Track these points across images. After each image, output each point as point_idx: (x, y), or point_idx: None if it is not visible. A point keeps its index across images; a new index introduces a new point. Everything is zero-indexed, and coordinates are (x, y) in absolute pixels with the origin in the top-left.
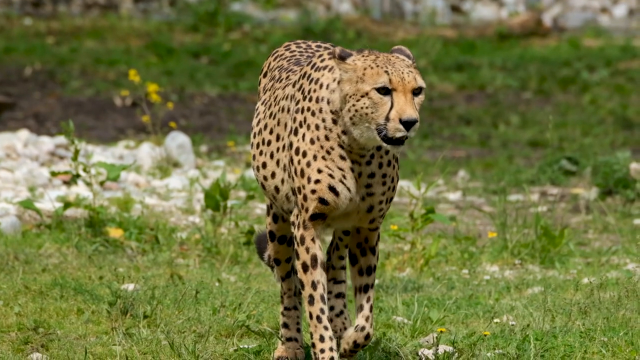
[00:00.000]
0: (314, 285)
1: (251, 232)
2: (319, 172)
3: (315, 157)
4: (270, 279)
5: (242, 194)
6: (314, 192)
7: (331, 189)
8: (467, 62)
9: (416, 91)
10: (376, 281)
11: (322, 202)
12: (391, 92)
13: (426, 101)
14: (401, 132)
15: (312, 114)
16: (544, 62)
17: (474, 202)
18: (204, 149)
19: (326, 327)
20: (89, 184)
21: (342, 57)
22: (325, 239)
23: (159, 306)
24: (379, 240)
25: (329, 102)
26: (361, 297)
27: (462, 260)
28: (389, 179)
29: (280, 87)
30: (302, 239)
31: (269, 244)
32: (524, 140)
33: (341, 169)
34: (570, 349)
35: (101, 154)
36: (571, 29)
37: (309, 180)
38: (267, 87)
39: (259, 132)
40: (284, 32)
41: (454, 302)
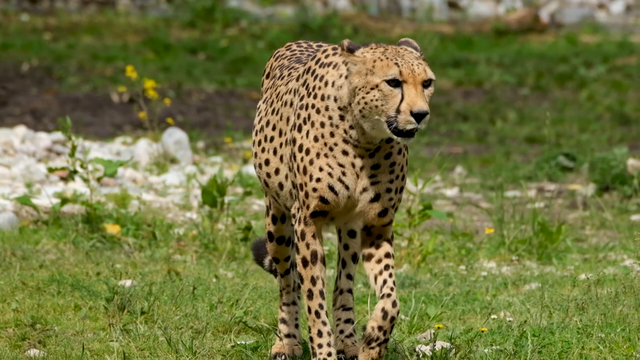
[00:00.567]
0: (313, 280)
1: (248, 228)
2: (321, 170)
3: (318, 155)
4: (267, 275)
5: (240, 190)
6: (315, 190)
7: (331, 188)
8: (464, 58)
9: (426, 83)
10: None
11: (323, 200)
12: (401, 84)
13: None
14: (412, 125)
15: (316, 111)
16: (541, 58)
17: (471, 199)
18: (201, 145)
19: (324, 323)
20: (86, 180)
21: (350, 50)
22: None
23: (157, 302)
24: (392, 238)
25: (336, 99)
26: (382, 276)
27: (459, 256)
28: (397, 167)
29: (282, 83)
30: (302, 235)
31: (268, 244)
32: (521, 136)
33: (342, 165)
34: (567, 345)
35: (98, 150)
36: (568, 25)
37: (311, 178)
38: (268, 87)
39: (260, 130)
40: (281, 28)
41: (451, 299)
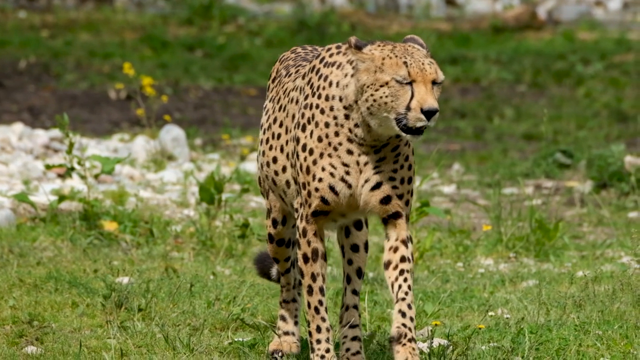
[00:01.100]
0: (314, 277)
1: (246, 225)
2: (323, 170)
3: (321, 155)
4: None
5: (237, 187)
6: (317, 190)
7: (331, 188)
8: (462, 56)
9: (435, 82)
10: (370, 274)
11: (324, 201)
12: (411, 82)
13: None
14: (422, 122)
15: (321, 111)
16: (538, 55)
17: (468, 195)
18: (198, 142)
19: (323, 319)
20: (83, 177)
21: (358, 47)
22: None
23: (154, 299)
24: (411, 239)
25: (342, 99)
26: (398, 281)
27: (456, 253)
28: (402, 157)
29: (289, 80)
30: (304, 232)
31: (268, 245)
32: (519, 133)
33: (346, 164)
34: (564, 342)
35: (96, 147)
36: (566, 22)
37: (314, 177)
38: (272, 85)
39: (268, 128)
40: (279, 25)
41: (449, 296)
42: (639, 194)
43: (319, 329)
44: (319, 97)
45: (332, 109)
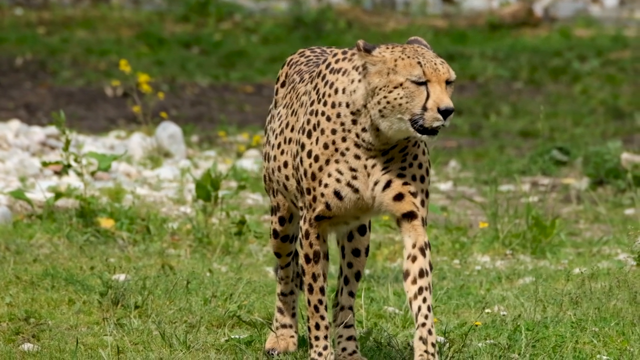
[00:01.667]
0: (314, 277)
1: (242, 222)
2: (329, 176)
3: (327, 162)
4: (261, 269)
5: (233, 184)
6: (322, 195)
7: (336, 194)
8: (458, 52)
9: (448, 81)
10: (367, 271)
11: (327, 206)
12: (426, 83)
13: None
14: (439, 122)
15: (327, 118)
16: (535, 52)
17: (465, 193)
18: (195, 139)
19: (322, 317)
20: (80, 174)
21: (367, 50)
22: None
23: (150, 296)
24: (429, 245)
25: (348, 105)
26: (417, 301)
27: (453, 250)
28: (410, 156)
29: (302, 85)
30: (307, 234)
31: (271, 239)
32: (515, 130)
33: (354, 169)
34: (561, 339)
35: (92, 144)
36: (562, 19)
37: (320, 183)
38: (285, 92)
39: (280, 132)
40: (275, 22)
41: (445, 293)
42: (636, 191)
43: (317, 326)
44: (325, 104)
45: (338, 115)
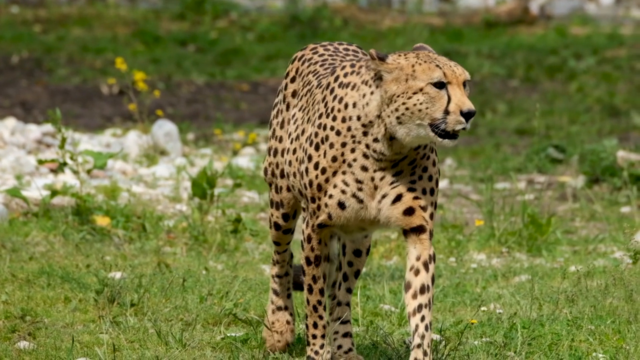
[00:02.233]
0: (315, 279)
1: (238, 220)
2: (334, 187)
3: (334, 173)
4: (257, 267)
5: (229, 182)
6: (326, 205)
7: (340, 204)
8: (454, 50)
9: (465, 83)
10: (364, 269)
11: (329, 216)
12: (446, 86)
13: None
14: (461, 125)
15: (336, 133)
16: (531, 50)
17: (461, 190)
18: (190, 137)
19: (321, 317)
20: (76, 172)
21: (381, 58)
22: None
23: (146, 294)
24: (434, 258)
25: (360, 118)
26: (415, 318)
27: (449, 248)
28: (419, 169)
29: (319, 91)
30: (309, 238)
31: (272, 231)
32: (511, 128)
33: (360, 181)
34: (557, 337)
35: (88, 142)
36: (558, 17)
37: (325, 194)
38: (301, 93)
39: (296, 138)
40: (271, 20)
41: (441, 290)
42: (631, 189)
43: (315, 325)
44: (334, 119)
45: (349, 129)
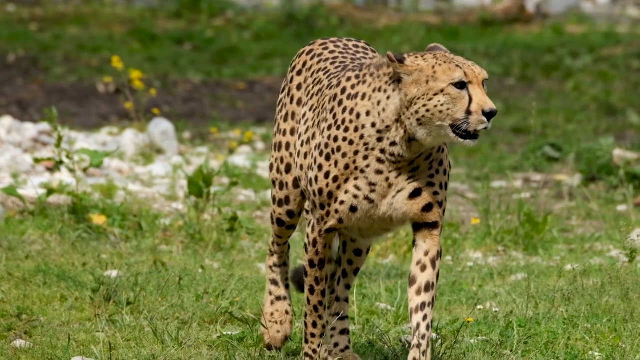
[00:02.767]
0: (317, 280)
1: (234, 218)
2: (346, 193)
3: (346, 180)
4: (253, 265)
5: (226, 180)
6: (337, 211)
7: (352, 209)
8: (451, 49)
9: (484, 83)
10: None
11: (340, 221)
12: (466, 86)
13: None
14: (484, 124)
15: (349, 143)
16: (527, 48)
17: (457, 189)
18: (187, 135)
19: (320, 317)
20: (72, 171)
21: (400, 61)
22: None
23: (142, 293)
24: (441, 254)
25: (374, 125)
26: (417, 316)
27: (445, 246)
28: (436, 163)
29: (328, 93)
30: (314, 242)
31: (274, 226)
32: (507, 126)
33: (373, 183)
34: (553, 335)
35: (84, 141)
36: (554, 16)
37: (335, 200)
38: (311, 91)
39: (307, 141)
40: (267, 18)
41: (437, 289)
42: (628, 188)
43: (315, 324)
44: (347, 130)
45: (362, 137)
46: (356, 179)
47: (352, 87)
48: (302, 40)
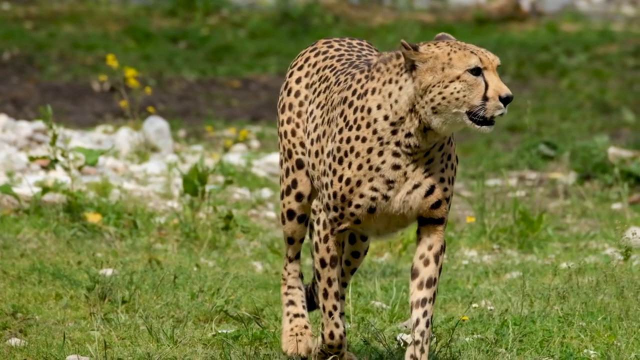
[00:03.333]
0: (330, 281)
1: (229, 216)
2: (361, 197)
3: (359, 183)
4: (248, 264)
5: (221, 178)
6: (352, 214)
7: (370, 210)
8: None
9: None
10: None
11: (357, 222)
12: (482, 72)
13: None
14: (500, 110)
15: (362, 140)
16: (522, 46)
17: None
18: (182, 133)
19: (337, 325)
20: (67, 169)
21: (415, 48)
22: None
23: (137, 291)
24: (444, 248)
25: (387, 117)
26: (417, 311)
27: None
28: (446, 157)
29: (337, 90)
30: (325, 239)
31: (287, 222)
32: (502, 124)
33: (391, 181)
34: (548, 333)
35: (79, 139)
36: (549, 14)
37: (350, 204)
38: (318, 89)
39: (317, 139)
40: (262, 16)
41: None
42: (623, 186)
43: (332, 336)
44: (358, 128)
45: (375, 132)
46: (370, 180)
47: (362, 86)
48: (297, 38)
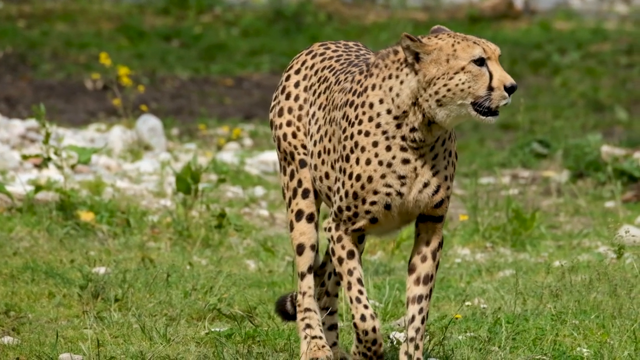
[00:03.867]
0: (350, 272)
1: (222, 215)
2: (375, 193)
3: (370, 179)
4: (241, 262)
5: (214, 177)
6: (368, 212)
7: (386, 206)
8: None
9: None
10: None
11: (373, 221)
12: (485, 63)
13: None
14: (505, 100)
15: (365, 134)
16: (515, 45)
17: None
18: (175, 132)
19: (366, 306)
20: (60, 167)
21: (419, 40)
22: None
23: (130, 289)
24: (442, 244)
25: (390, 111)
26: (413, 307)
27: None
28: (447, 153)
29: (338, 89)
30: (339, 238)
31: (295, 225)
32: (495, 122)
33: (402, 176)
34: (541, 331)
35: (72, 137)
36: (542, 12)
37: (364, 202)
38: (318, 90)
39: (320, 140)
40: (255, 15)
41: None
42: (616, 184)
43: (363, 318)
44: (360, 122)
45: (378, 125)
46: (383, 177)
47: (361, 85)
48: (290, 36)
